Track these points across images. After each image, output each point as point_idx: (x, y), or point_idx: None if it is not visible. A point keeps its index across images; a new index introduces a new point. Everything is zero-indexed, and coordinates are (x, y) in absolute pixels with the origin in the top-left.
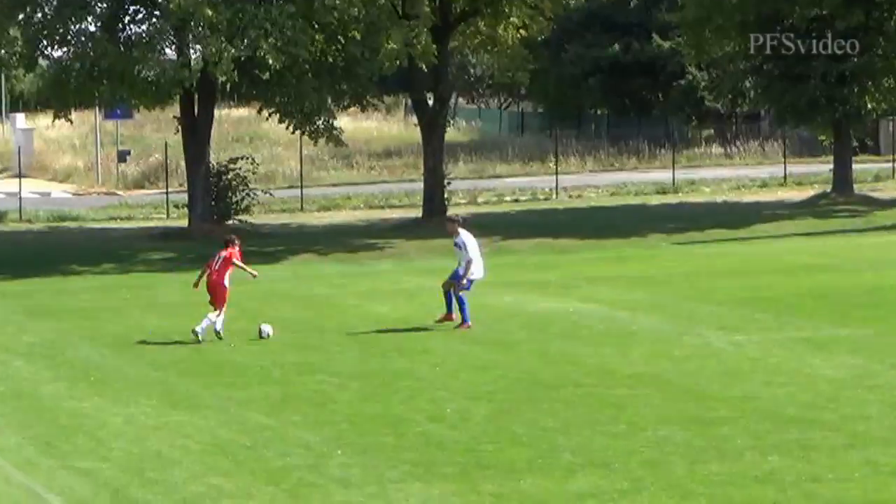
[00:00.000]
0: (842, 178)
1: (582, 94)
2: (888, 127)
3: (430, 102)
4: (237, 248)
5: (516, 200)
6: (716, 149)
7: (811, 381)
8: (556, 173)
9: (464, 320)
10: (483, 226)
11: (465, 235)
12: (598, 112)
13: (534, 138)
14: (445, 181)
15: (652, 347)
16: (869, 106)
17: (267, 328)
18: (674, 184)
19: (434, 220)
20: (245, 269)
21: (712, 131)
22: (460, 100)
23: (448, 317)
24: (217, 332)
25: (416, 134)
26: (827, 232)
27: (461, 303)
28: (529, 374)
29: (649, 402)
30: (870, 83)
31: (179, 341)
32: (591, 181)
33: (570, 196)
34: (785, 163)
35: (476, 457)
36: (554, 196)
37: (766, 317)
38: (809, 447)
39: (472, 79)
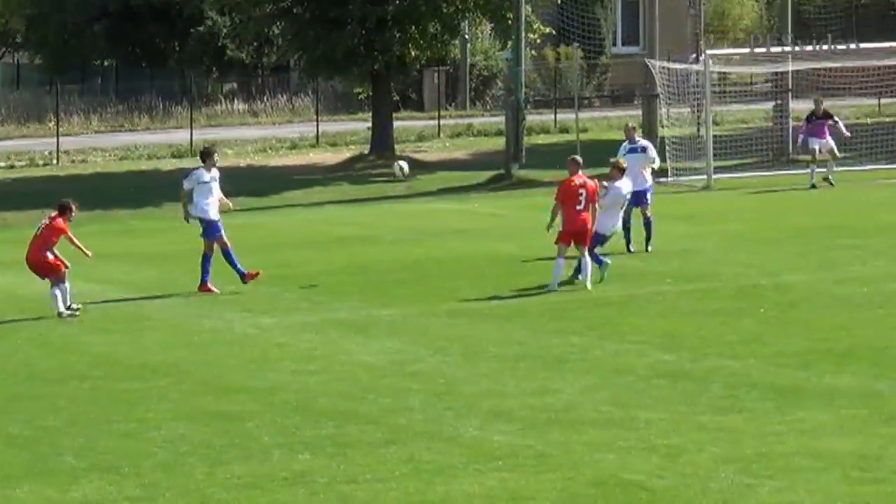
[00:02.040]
0: (381, 137)
1: (86, 42)
2: (433, 79)
3: None
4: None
5: (11, 166)
6: (239, 105)
7: (347, 368)
8: (58, 135)
9: None
10: None
11: None
12: (106, 64)
13: (31, 94)
14: None
15: (167, 334)
16: (412, 54)
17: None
18: (191, 146)
19: None
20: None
21: (235, 85)
22: None
23: None
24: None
25: None
26: (365, 199)
27: None
28: (27, 365)
29: (165, 395)
30: (413, 29)
31: None
32: (97, 143)
33: (74, 161)
34: (318, 121)
35: None
36: (55, 161)
37: (295, 296)
38: (345, 444)
39: None
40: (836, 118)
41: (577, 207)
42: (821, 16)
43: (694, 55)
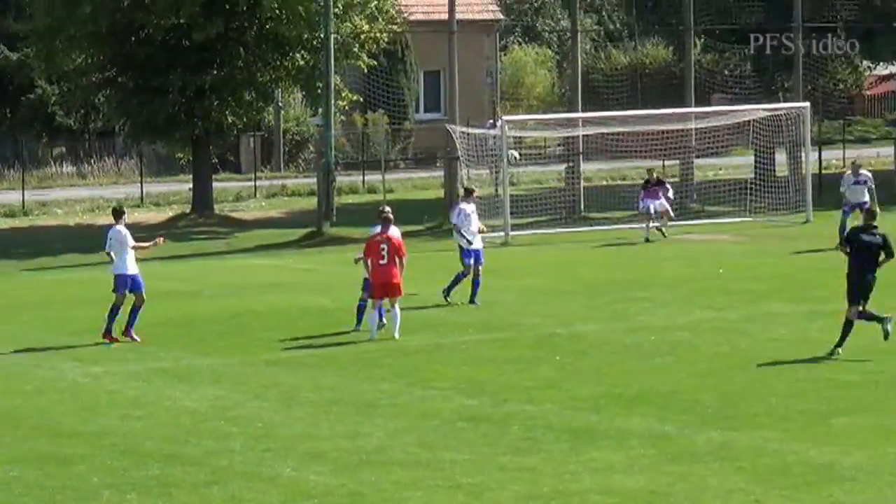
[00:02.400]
0: (201, 197)
1: None
2: (249, 143)
3: None
4: None
5: None
6: (68, 167)
7: (172, 414)
8: None
9: None
10: None
11: None
12: None
13: None
14: None
15: (2, 382)
16: (230, 120)
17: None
18: (23, 207)
19: None
20: None
21: (64, 149)
22: None
23: None
24: None
25: None
26: (187, 255)
27: None
28: None
29: None
30: (230, 97)
31: None
32: None
33: None
34: (142, 182)
35: None
36: None
37: (124, 347)
38: (170, 484)
39: None
40: (667, 185)
41: (381, 262)
42: (608, 84)
43: (491, 121)
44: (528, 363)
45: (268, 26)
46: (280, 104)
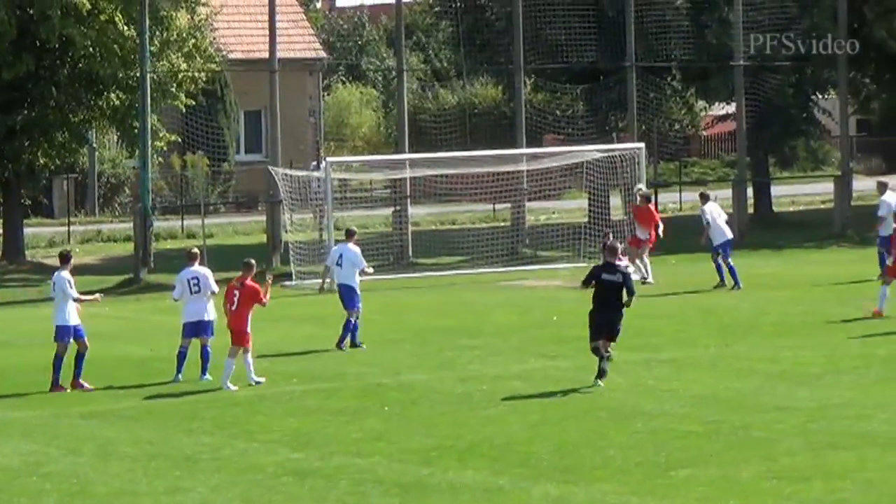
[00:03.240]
0: (12, 243)
1: None
2: (62, 186)
3: None
4: None
5: None
6: None
7: None
8: None
9: None
10: None
11: None
12: None
13: None
14: None
15: None
16: (41, 162)
17: None
18: None
19: None
20: None
21: None
22: None
23: None
24: None
25: None
26: None
27: None
28: None
29: None
30: (41, 138)
31: None
32: None
33: None
34: None
35: None
36: None
37: None
38: None
39: None
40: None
41: (231, 307)
42: (437, 124)
43: (315, 162)
44: (355, 414)
45: (81, 64)
46: (94, 145)
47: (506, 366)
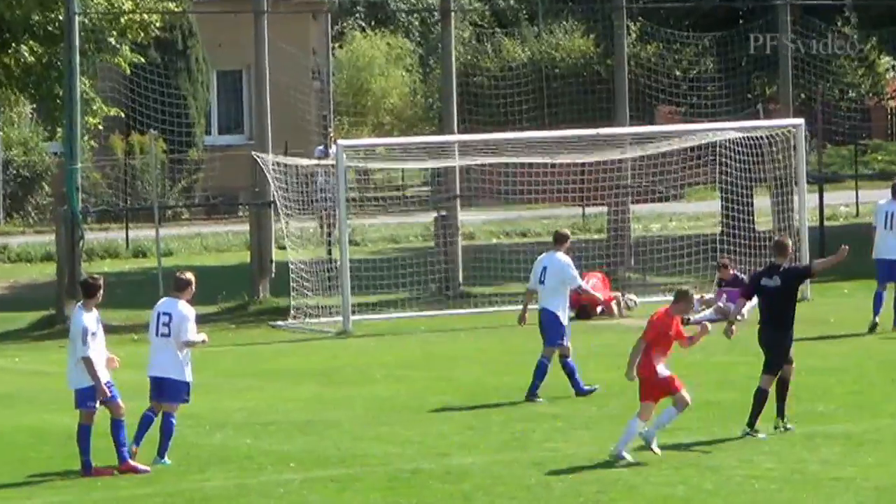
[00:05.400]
0: None
1: None
2: None
3: None
4: None
5: None
6: None
7: None
8: None
9: None
10: None
11: None
12: None
13: None
14: None
15: None
16: None
17: None
18: None
19: None
20: None
21: None
22: None
23: None
24: None
25: None
26: None
27: None
28: None
29: None
30: None
31: None
32: None
33: None
34: None
35: None
36: None
37: None
38: None
39: None
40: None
41: None
42: (499, 90)
43: (322, 147)
44: None
45: None
46: None
47: (600, 443)
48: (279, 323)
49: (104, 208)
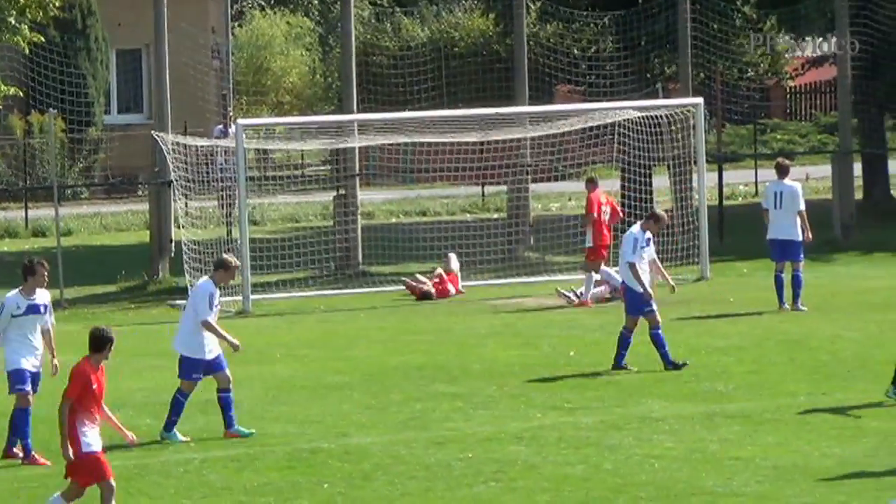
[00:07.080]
0: None
1: None
2: None
3: None
4: None
5: None
6: None
7: None
8: None
9: None
10: None
11: None
12: None
13: None
14: None
15: None
16: None
17: None
18: None
19: None
20: None
21: None
22: None
23: None
24: None
25: None
26: None
27: None
28: None
29: None
30: None
31: None
32: None
33: None
34: None
35: None
36: None
37: None
38: None
39: None
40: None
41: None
42: (398, 70)
43: (221, 126)
44: (280, 494)
45: None
46: None
47: (500, 422)
48: (179, 302)
49: (3, 188)
